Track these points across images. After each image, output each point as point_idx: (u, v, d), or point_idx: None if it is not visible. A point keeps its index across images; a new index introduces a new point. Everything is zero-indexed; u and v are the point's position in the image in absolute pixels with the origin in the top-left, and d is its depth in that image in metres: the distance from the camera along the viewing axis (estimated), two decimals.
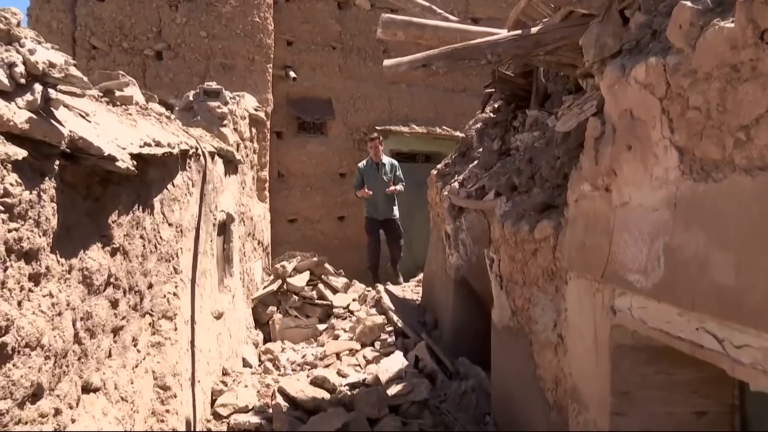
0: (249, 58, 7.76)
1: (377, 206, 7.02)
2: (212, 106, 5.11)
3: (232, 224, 4.75)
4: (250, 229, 6.01)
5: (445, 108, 10.19)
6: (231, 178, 4.82)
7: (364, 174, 7.05)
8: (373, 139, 7.23)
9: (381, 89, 9.58)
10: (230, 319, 4.45)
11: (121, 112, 2.48)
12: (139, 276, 2.33)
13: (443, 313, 4.80)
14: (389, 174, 7.08)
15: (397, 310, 5.31)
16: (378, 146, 7.10)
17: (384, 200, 7.01)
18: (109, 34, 7.20)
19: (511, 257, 2.95)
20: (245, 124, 6.14)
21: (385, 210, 7.05)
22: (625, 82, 1.83)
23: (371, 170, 7.06)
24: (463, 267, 4.25)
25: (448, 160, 5.39)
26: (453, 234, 4.34)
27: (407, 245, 9.61)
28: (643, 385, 1.92)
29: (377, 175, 7.03)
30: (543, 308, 2.60)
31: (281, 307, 5.79)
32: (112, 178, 2.01)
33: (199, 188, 3.49)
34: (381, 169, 7.06)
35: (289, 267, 6.04)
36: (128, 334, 2.22)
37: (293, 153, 9.06)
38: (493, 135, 4.42)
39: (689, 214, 1.54)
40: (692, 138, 1.53)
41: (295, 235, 9.09)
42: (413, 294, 6.77)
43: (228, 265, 4.63)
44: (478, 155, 4.50)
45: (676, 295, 1.57)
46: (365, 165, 7.13)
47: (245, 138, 6.12)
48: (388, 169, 7.10)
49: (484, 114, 5.19)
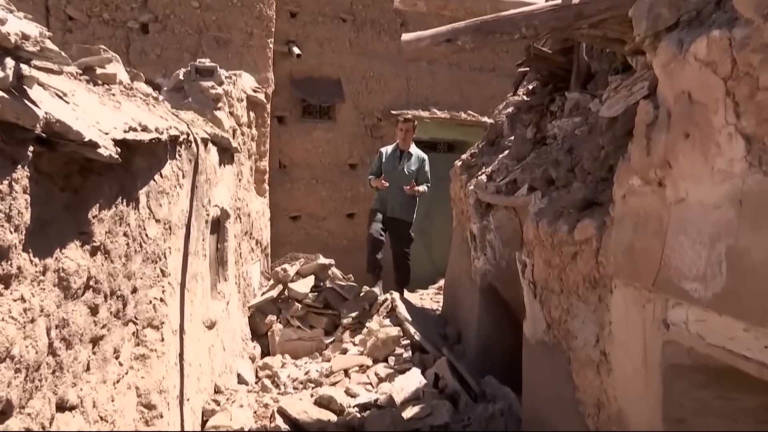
0: (247, 32, 7.80)
1: (387, 202, 6.60)
2: (205, 87, 5.14)
3: (227, 221, 4.78)
4: (247, 227, 6.04)
5: (472, 90, 10.17)
6: (226, 168, 4.84)
7: (383, 160, 6.69)
8: (407, 120, 6.84)
9: (398, 68, 9.58)
10: (224, 330, 4.48)
11: (103, 92, 2.50)
12: (122, 279, 2.34)
13: (467, 325, 4.79)
14: (413, 168, 6.64)
15: (415, 321, 5.31)
16: (410, 132, 6.72)
17: (399, 198, 6.56)
18: (87, 3, 7.27)
19: (547, 262, 2.93)
20: (242, 107, 6.17)
21: (395, 209, 6.60)
22: (683, 59, 1.80)
23: (393, 158, 6.68)
24: (491, 272, 4.24)
25: (474, 150, 5.38)
26: (479, 234, 4.33)
27: (426, 247, 9.64)
28: (701, 412, 1.90)
29: (398, 166, 6.63)
30: (583, 321, 2.58)
31: (282, 316, 5.82)
32: (93, 168, 2.03)
33: (190, 180, 3.51)
34: (404, 160, 6.66)
35: (291, 271, 6.07)
36: (109, 345, 2.24)
37: (297, 140, 9.10)
38: (527, 121, 4.40)
39: (757, 212, 1.51)
40: (762, 124, 1.50)
41: (298, 234, 9.13)
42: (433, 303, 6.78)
43: (222, 268, 4.66)
44: (509, 144, 4.49)
45: (742, 307, 1.55)
46: (388, 150, 6.78)
47: (242, 123, 6.15)
48: (413, 162, 6.66)
49: (517, 97, 5.17)
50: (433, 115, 9.61)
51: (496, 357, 4.21)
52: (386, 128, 9.43)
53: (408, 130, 6.71)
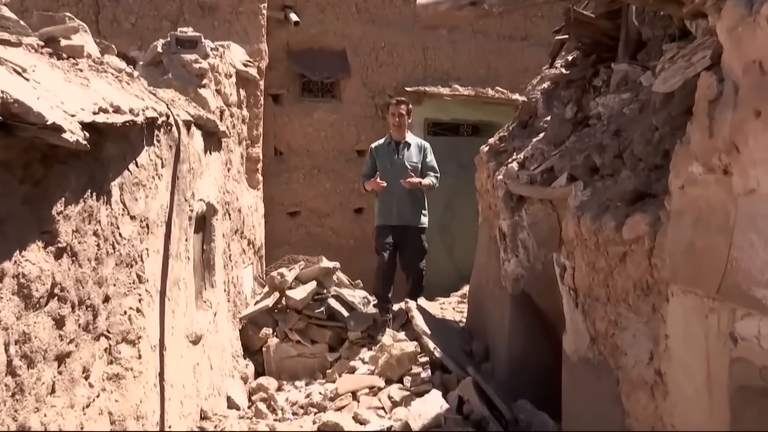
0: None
1: (391, 208, 6.25)
2: (187, 61, 5.17)
3: (213, 218, 4.80)
4: (237, 225, 6.06)
5: (500, 62, 10.14)
6: (213, 156, 4.86)
7: (377, 158, 6.36)
8: (398, 103, 6.42)
9: (413, 37, 9.57)
10: (211, 345, 4.50)
11: (69, 67, 2.52)
12: (92, 286, 2.36)
13: (496, 339, 4.79)
14: (415, 160, 6.33)
15: (434, 334, 5.31)
16: (403, 116, 6.33)
17: (404, 198, 6.22)
18: None
19: (591, 264, 2.93)
20: (231, 83, 6.20)
21: (404, 213, 6.26)
22: (754, 22, 1.78)
23: (388, 152, 6.37)
24: (524, 277, 4.23)
25: (503, 133, 5.37)
26: (510, 232, 4.32)
27: (447, 247, 9.64)
28: None
29: (396, 160, 6.31)
30: (634, 334, 2.57)
31: (278, 329, 5.84)
32: (58, 156, 2.04)
33: (170, 169, 3.53)
34: (402, 152, 6.34)
35: (290, 276, 6.09)
36: (77, 363, 2.25)
37: (295, 123, 9.12)
38: (566, 98, 4.38)
39: None
40: None
41: (297, 233, 9.16)
42: (455, 313, 6.77)
43: (208, 273, 4.69)
44: (545, 126, 4.47)
45: None
46: (380, 145, 6.47)
47: (231, 103, 6.17)
48: (413, 153, 6.36)
49: (554, 70, 5.15)
50: (454, 93, 9.60)
51: (530, 377, 4.19)
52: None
53: (401, 114, 6.31)
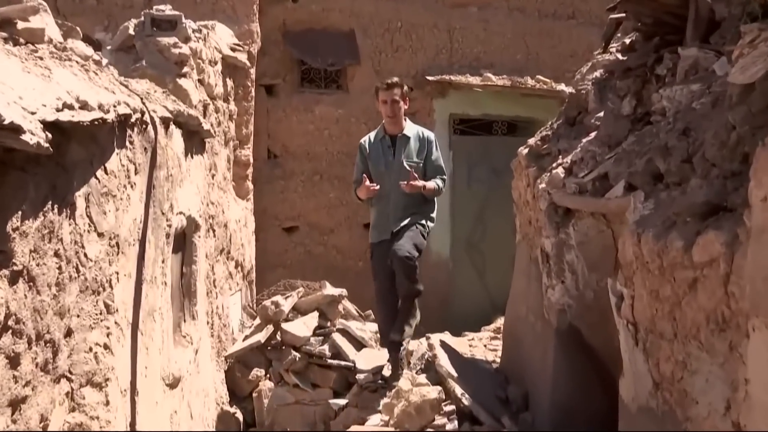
0: None
1: (388, 219, 5.90)
2: (165, 45, 5.19)
3: (195, 235, 4.82)
4: (223, 244, 6.08)
5: (542, 46, 10.13)
6: (195, 160, 4.89)
7: (369, 158, 6.03)
8: (389, 86, 5.94)
9: (436, 15, 9.59)
10: (192, 389, 4.51)
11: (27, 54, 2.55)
12: (53, 317, 2.38)
13: (538, 383, 4.76)
14: (416, 158, 5.94)
15: (462, 377, 5.29)
16: (398, 103, 5.92)
17: (401, 204, 5.84)
18: None
19: (654, 293, 2.92)
20: (217, 72, 6.23)
21: (399, 221, 5.85)
22: None
23: (381, 150, 6.02)
24: (572, 308, 4.20)
25: (546, 132, 5.35)
26: (555, 253, 4.31)
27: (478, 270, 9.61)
28: None
29: (391, 161, 5.94)
30: (707, 378, 2.56)
31: (272, 370, 5.82)
32: (14, 161, 2.07)
33: (145, 176, 3.56)
34: (400, 149, 5.95)
35: (286, 305, 6.08)
36: (34, 410, 2.27)
37: (293, 119, 9.14)
38: (623, 90, 4.38)
39: None
40: None
41: (294, 252, 9.15)
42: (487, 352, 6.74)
43: (189, 301, 4.70)
44: (597, 123, 4.46)
45: None
46: (372, 142, 6.11)
47: (217, 95, 6.20)
48: (413, 149, 5.96)
49: (608, 55, 5.14)
50: (486, 83, 9.57)
51: (579, 429, 4.18)
52: (420, 101, 9.43)
53: (394, 100, 5.89)
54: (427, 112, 9.55)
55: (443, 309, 9.23)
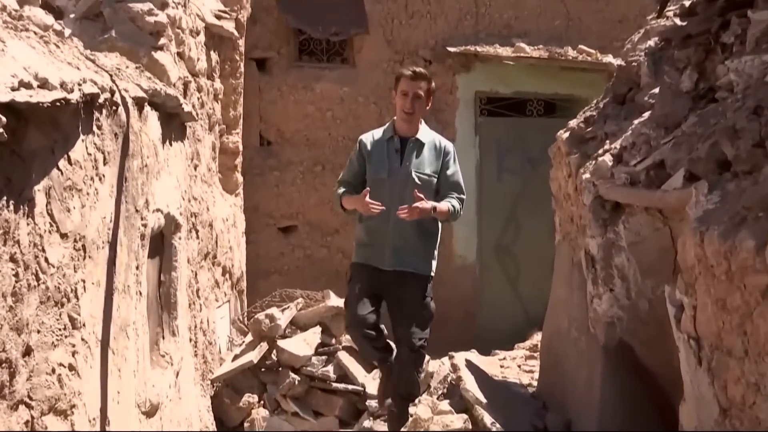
0: None
1: (385, 240, 5.55)
2: (138, 12, 5.19)
3: (175, 236, 4.82)
4: (208, 246, 6.09)
5: (584, 10, 10.11)
6: (174, 147, 4.89)
7: (369, 159, 5.67)
8: (415, 77, 5.60)
9: None
10: (172, 417, 4.51)
11: None
12: (9, 332, 2.38)
13: (582, 410, 4.76)
14: (428, 170, 5.60)
15: (492, 404, 5.29)
16: (421, 99, 5.60)
17: (407, 229, 5.47)
18: None
19: (720, 302, 2.90)
20: (199, 44, 6.22)
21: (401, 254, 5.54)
22: None
23: (387, 153, 5.66)
24: (622, 321, 4.19)
25: (590, 112, 5.35)
26: (602, 256, 4.30)
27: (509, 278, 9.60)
28: None
29: (397, 168, 5.60)
30: None
31: (267, 395, 5.83)
32: None
33: (116, 167, 3.56)
34: (411, 154, 5.62)
35: (283, 319, 6.08)
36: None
37: (289, 99, 9.15)
38: (682, 61, 4.37)
39: None
40: None
41: (292, 257, 9.16)
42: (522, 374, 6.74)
43: (168, 315, 4.71)
44: (651, 101, 4.45)
45: None
46: (377, 140, 5.75)
47: (199, 71, 6.20)
48: (427, 159, 5.63)
49: (664, 20, 5.12)
50: (519, 54, 9.56)
51: None
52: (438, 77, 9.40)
53: (417, 96, 5.57)
54: (449, 90, 9.55)
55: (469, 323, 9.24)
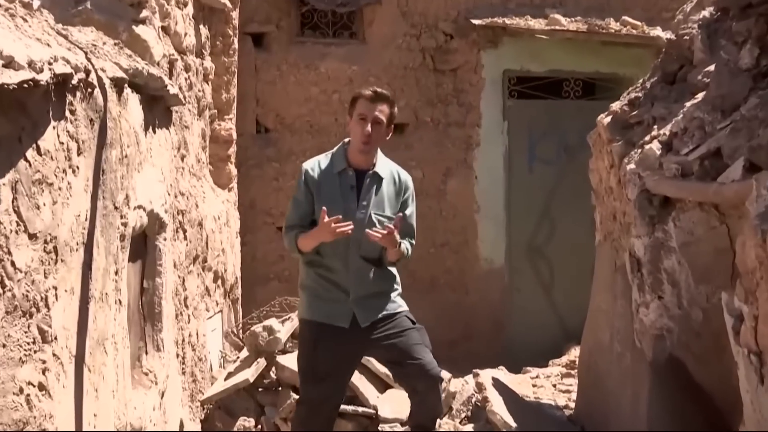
0: None
1: (346, 290, 5.35)
2: None
3: (159, 236, 4.84)
4: (197, 249, 6.10)
5: None
6: (158, 135, 4.90)
7: (318, 196, 5.39)
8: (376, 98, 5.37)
9: None
10: None
11: None
12: None
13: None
14: (388, 209, 5.47)
15: (522, 427, 5.31)
16: (381, 125, 5.38)
17: (366, 271, 5.42)
18: None
19: None
20: (186, 17, 6.23)
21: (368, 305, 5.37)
22: None
23: (340, 189, 5.45)
24: (673, 333, 4.19)
25: (636, 93, 5.34)
26: (649, 258, 4.30)
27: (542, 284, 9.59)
28: None
29: (353, 207, 5.38)
30: None
31: (265, 418, 5.84)
32: None
33: (92, 158, 3.57)
34: (369, 191, 5.45)
35: (283, 332, 6.09)
36: None
37: (290, 80, 9.16)
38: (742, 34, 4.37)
39: None
40: None
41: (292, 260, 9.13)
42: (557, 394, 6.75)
43: (152, 327, 4.72)
44: (706, 80, 4.46)
45: None
46: (325, 172, 5.48)
47: (187, 48, 6.21)
48: (386, 196, 5.50)
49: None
50: (553, 27, 9.55)
51: None
52: (461, 54, 9.43)
53: (378, 121, 5.35)
54: (473, 69, 9.53)
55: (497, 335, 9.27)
